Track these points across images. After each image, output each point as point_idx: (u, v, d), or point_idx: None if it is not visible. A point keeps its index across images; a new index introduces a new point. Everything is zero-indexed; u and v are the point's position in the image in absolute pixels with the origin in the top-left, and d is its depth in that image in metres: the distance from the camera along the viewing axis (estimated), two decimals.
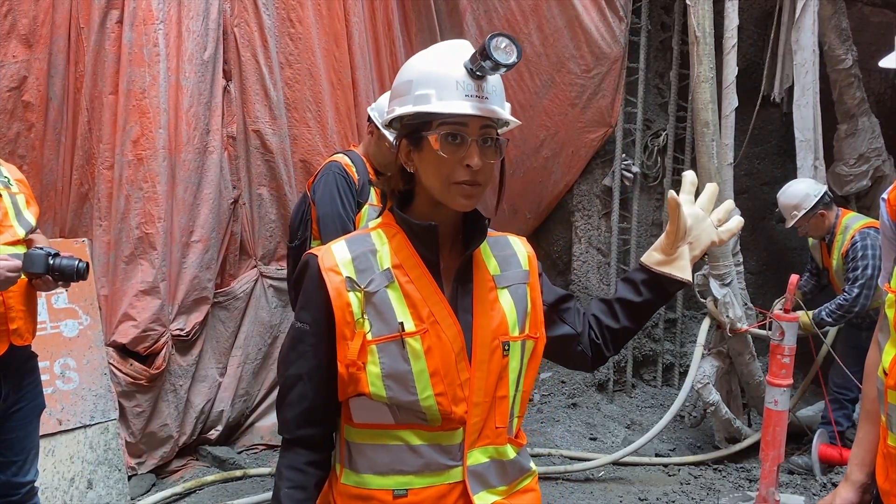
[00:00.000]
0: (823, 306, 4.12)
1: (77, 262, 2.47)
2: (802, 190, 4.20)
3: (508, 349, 1.40)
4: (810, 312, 4.13)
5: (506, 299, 1.42)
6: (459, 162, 1.32)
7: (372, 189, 3.08)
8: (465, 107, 1.32)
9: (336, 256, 1.36)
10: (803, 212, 4.14)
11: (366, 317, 1.33)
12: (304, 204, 3.20)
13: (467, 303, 1.39)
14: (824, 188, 4.26)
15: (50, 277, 2.45)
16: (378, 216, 1.49)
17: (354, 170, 3.07)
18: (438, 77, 1.33)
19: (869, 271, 3.93)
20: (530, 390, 1.48)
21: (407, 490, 1.35)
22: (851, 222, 4.16)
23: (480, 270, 1.43)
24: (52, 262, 2.44)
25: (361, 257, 1.36)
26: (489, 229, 1.47)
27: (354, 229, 2.78)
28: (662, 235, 1.52)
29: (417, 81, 1.35)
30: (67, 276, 2.46)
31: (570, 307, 1.55)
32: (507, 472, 1.43)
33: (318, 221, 3.03)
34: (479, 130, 1.33)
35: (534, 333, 1.45)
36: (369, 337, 1.32)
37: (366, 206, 3.04)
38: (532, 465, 1.52)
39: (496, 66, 1.31)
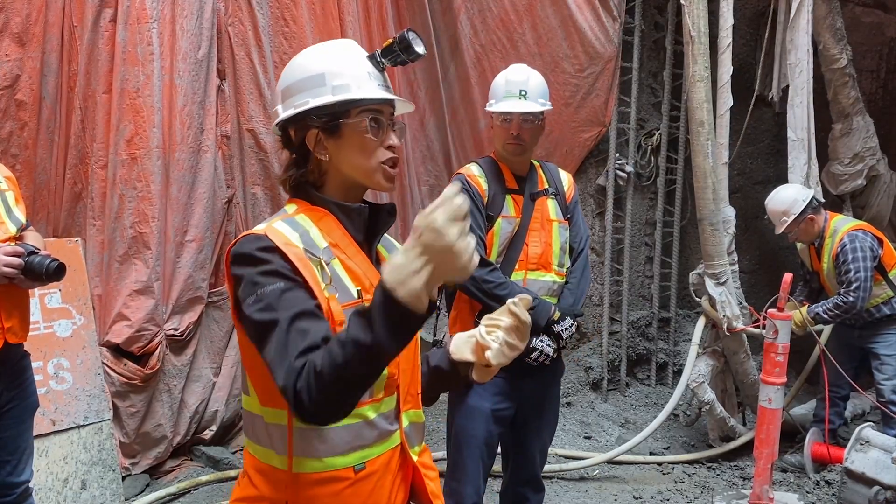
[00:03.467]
0: (820, 303, 4.14)
1: (48, 262, 2.39)
2: (790, 195, 4.21)
3: None
4: (803, 309, 4.15)
5: None
6: (381, 144, 1.45)
7: (508, 198, 2.73)
8: (385, 94, 1.45)
9: (285, 234, 1.38)
10: (792, 217, 4.16)
11: (328, 284, 1.37)
12: None
13: None
14: (812, 192, 4.27)
15: (21, 275, 2.40)
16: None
17: (483, 180, 2.72)
18: (352, 69, 1.44)
19: (861, 273, 3.96)
20: None
21: (365, 462, 1.43)
22: (839, 225, 4.19)
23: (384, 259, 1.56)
24: (24, 259, 2.39)
25: (304, 236, 1.40)
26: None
27: (485, 247, 2.65)
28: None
29: (331, 74, 1.42)
30: (36, 274, 2.38)
31: None
32: (421, 432, 1.57)
33: None
34: (389, 116, 1.47)
35: None
36: (337, 304, 1.37)
37: (499, 220, 2.69)
38: None
39: (415, 56, 1.44)
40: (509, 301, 1.49)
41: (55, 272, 2.41)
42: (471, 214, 2.65)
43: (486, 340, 1.48)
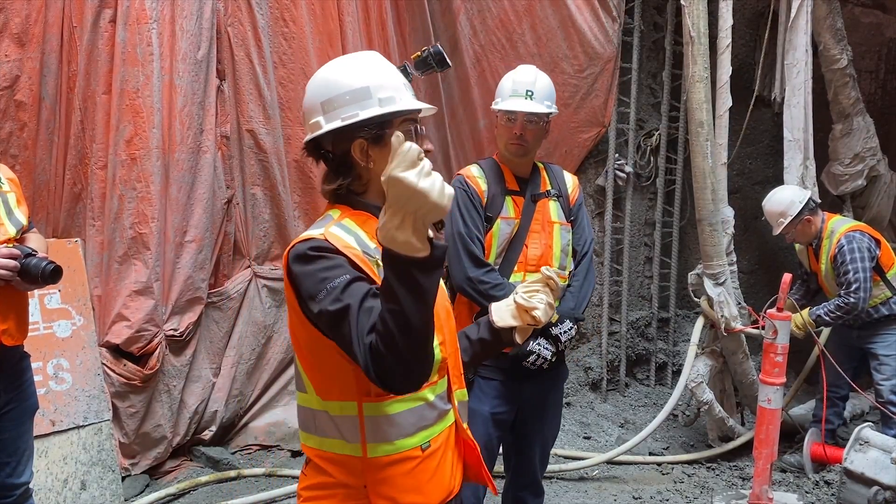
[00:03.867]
0: (821, 306, 4.14)
1: (44, 264, 2.39)
2: (787, 197, 4.22)
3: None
4: (805, 312, 4.15)
5: None
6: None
7: (508, 200, 2.72)
8: (421, 103, 1.58)
9: (344, 239, 1.48)
10: (789, 218, 4.16)
11: None
12: None
13: None
14: (809, 193, 4.28)
15: (18, 277, 2.39)
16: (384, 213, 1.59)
17: (482, 181, 2.71)
18: (392, 82, 1.56)
19: (860, 274, 3.97)
20: None
21: (430, 441, 1.57)
22: (837, 226, 4.19)
23: None
24: (20, 262, 2.38)
25: (357, 239, 1.51)
26: None
27: (482, 248, 2.65)
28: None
29: (375, 87, 1.53)
30: (32, 277, 2.38)
31: None
32: (467, 411, 1.73)
33: None
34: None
35: None
36: None
37: (498, 221, 2.68)
38: None
39: (446, 68, 1.65)
40: (543, 268, 1.81)
41: (51, 275, 2.40)
42: (468, 214, 2.66)
43: (531, 303, 1.74)
